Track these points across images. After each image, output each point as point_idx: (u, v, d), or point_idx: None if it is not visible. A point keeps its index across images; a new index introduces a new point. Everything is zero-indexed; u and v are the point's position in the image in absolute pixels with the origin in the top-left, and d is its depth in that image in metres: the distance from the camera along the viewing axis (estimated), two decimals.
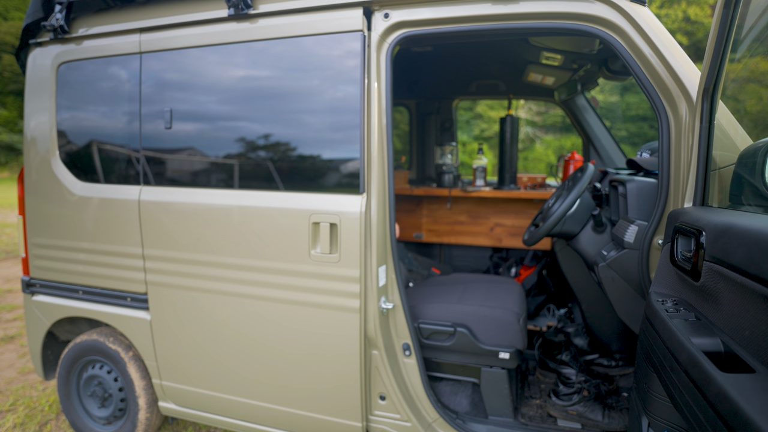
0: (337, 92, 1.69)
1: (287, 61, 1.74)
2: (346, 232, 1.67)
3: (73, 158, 2.12)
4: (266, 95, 1.78)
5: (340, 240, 1.68)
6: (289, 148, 1.77)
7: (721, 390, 0.73)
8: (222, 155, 1.87)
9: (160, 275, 1.98)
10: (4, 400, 2.89)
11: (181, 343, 2.01)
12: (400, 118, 3.88)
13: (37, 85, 2.16)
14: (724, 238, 0.92)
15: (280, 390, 1.88)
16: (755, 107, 1.75)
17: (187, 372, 2.04)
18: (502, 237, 3.34)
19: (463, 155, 4.01)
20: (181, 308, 1.97)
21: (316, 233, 1.71)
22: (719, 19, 1.13)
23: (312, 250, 1.72)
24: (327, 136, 1.72)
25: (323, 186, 1.73)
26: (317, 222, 1.70)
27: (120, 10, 1.98)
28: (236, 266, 1.84)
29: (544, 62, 2.74)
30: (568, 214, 1.88)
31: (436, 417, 1.85)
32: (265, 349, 1.86)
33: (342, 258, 1.69)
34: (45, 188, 2.16)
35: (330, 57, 1.69)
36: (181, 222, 1.91)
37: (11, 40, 17.07)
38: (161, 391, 2.13)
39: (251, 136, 1.82)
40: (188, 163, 1.92)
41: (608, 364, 2.35)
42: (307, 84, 1.73)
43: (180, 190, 1.93)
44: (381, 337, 1.78)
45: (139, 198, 1.97)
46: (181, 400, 2.10)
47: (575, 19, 1.55)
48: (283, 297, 1.79)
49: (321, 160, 1.73)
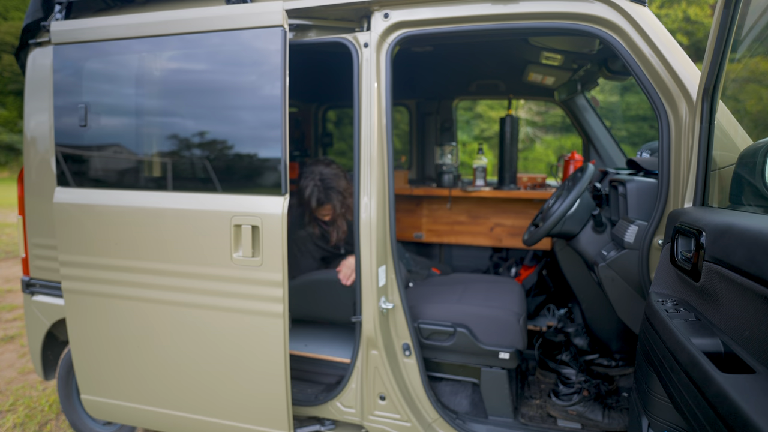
0: (257, 90, 1.63)
1: (221, 56, 1.68)
2: (268, 235, 1.61)
3: None
4: (194, 91, 1.71)
5: (262, 243, 1.62)
6: (210, 149, 1.71)
7: (721, 390, 0.73)
8: (141, 154, 1.79)
9: (75, 282, 1.89)
10: (4, 400, 2.89)
11: (98, 355, 1.91)
12: (400, 118, 3.89)
13: (37, 85, 2.16)
14: (724, 239, 0.92)
15: (205, 400, 1.81)
16: (755, 107, 1.75)
17: (106, 384, 1.94)
18: (502, 237, 3.34)
19: (463, 155, 4.01)
20: (98, 317, 1.87)
21: (238, 236, 1.65)
22: (719, 19, 1.13)
23: (234, 253, 1.65)
24: (249, 136, 1.65)
25: (245, 187, 1.67)
26: (239, 224, 1.64)
27: (120, 10, 1.98)
28: (156, 271, 1.76)
29: (544, 62, 2.74)
30: (568, 214, 1.88)
31: (436, 417, 1.85)
32: (188, 357, 1.78)
33: (264, 261, 1.63)
34: (45, 188, 2.16)
35: (250, 53, 1.62)
36: (97, 226, 1.82)
37: (11, 40, 17.07)
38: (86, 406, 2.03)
39: (169, 135, 1.75)
40: (104, 163, 1.83)
41: (608, 364, 2.35)
42: (228, 80, 1.66)
43: (95, 192, 1.84)
44: (381, 337, 1.78)
45: (53, 200, 1.89)
46: (103, 414, 2.01)
47: (575, 19, 1.55)
48: (205, 303, 1.72)
49: (243, 160, 1.67)
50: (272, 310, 1.64)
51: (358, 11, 1.75)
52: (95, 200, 1.84)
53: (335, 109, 4.26)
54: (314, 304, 2.19)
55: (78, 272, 1.89)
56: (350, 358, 1.90)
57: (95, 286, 1.86)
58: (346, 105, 4.10)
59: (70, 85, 1.84)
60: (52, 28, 1.84)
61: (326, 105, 4.15)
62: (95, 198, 1.84)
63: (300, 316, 2.26)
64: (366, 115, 1.74)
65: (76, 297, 1.91)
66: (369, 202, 1.74)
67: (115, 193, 1.82)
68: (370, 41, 1.72)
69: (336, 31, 1.80)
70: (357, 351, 1.85)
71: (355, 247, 1.77)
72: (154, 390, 1.88)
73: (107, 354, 1.91)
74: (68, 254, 1.89)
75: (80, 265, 1.88)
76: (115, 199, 1.81)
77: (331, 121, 4.34)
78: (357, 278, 1.79)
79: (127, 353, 1.87)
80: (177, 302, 1.76)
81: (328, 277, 2.14)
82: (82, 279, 1.88)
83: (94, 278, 1.86)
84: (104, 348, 1.91)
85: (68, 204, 1.87)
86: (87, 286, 1.88)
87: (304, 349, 2.18)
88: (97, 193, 1.84)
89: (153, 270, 1.77)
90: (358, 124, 1.75)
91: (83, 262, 1.87)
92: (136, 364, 1.87)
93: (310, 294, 2.18)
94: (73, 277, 1.90)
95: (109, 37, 1.77)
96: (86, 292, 1.89)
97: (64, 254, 1.90)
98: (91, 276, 1.86)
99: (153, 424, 1.95)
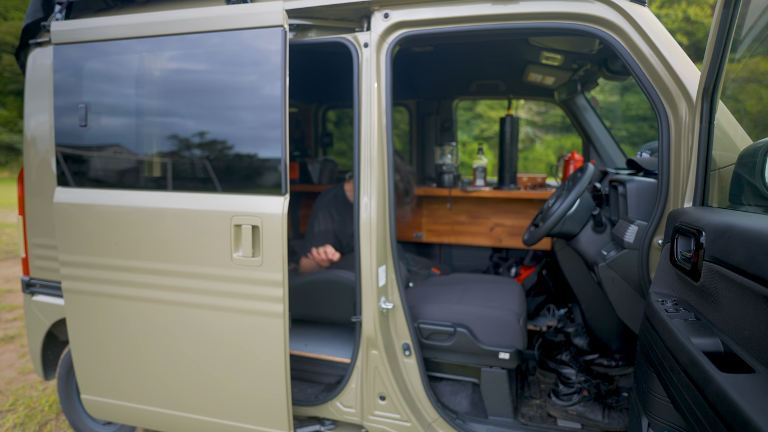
0: (257, 90, 1.63)
1: (221, 56, 1.68)
2: (268, 235, 1.61)
3: None
4: (194, 91, 1.72)
5: (262, 243, 1.63)
6: (210, 149, 1.71)
7: (721, 390, 0.73)
8: (141, 154, 1.79)
9: (75, 282, 1.90)
10: (4, 400, 2.89)
11: (98, 355, 1.92)
12: (400, 118, 3.89)
13: (37, 85, 2.16)
14: (723, 238, 0.92)
15: (205, 400, 1.81)
16: (755, 107, 1.75)
17: (106, 384, 1.95)
18: (502, 237, 3.34)
19: (463, 155, 4.01)
20: (98, 317, 1.88)
21: (238, 236, 1.65)
22: (719, 19, 1.13)
23: (234, 253, 1.66)
24: (249, 136, 1.66)
25: (245, 187, 1.67)
26: (239, 224, 1.64)
27: (120, 10, 1.98)
28: (157, 271, 1.76)
29: (544, 62, 2.74)
30: (568, 214, 1.88)
31: (435, 417, 1.85)
32: (189, 357, 1.79)
33: (264, 261, 1.63)
34: (45, 188, 2.16)
35: (250, 53, 1.62)
36: (98, 226, 1.83)
37: (11, 40, 17.07)
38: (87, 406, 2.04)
39: (170, 135, 1.75)
40: (104, 163, 1.84)
41: (608, 364, 2.35)
42: (228, 80, 1.66)
43: (96, 192, 1.84)
44: (381, 337, 1.78)
45: (53, 200, 1.89)
46: (103, 414, 2.01)
47: (575, 19, 1.55)
48: (205, 303, 1.72)
49: (243, 160, 1.68)
50: (272, 310, 1.65)
51: (358, 11, 1.75)
52: (95, 200, 1.84)
53: (335, 109, 4.26)
54: (314, 304, 2.19)
55: (78, 272, 1.89)
56: (350, 358, 1.90)
57: (95, 286, 1.86)
58: (346, 105, 4.10)
59: (71, 85, 1.84)
60: (52, 28, 1.84)
61: (326, 105, 4.15)
62: (95, 198, 1.84)
63: (300, 316, 2.26)
64: (366, 115, 1.74)
65: (77, 297, 1.91)
66: (369, 202, 1.74)
67: (116, 193, 1.82)
68: (370, 41, 1.72)
69: (336, 31, 1.80)
70: (357, 351, 1.85)
71: (355, 247, 1.77)
72: (154, 390, 1.88)
73: (107, 354, 1.91)
74: (68, 254, 1.89)
75: (80, 265, 1.88)
76: (115, 199, 1.81)
77: (331, 121, 4.34)
78: (357, 278, 1.79)
79: (127, 353, 1.87)
80: (177, 302, 1.76)
81: (328, 277, 2.14)
82: (82, 279, 1.88)
83: (94, 278, 1.86)
84: (104, 348, 1.91)
85: (68, 204, 1.87)
86: (87, 286, 1.88)
87: (304, 349, 2.18)
88: (98, 193, 1.85)
89: (153, 270, 1.77)
90: (358, 124, 1.75)
91: (83, 262, 1.87)
92: (136, 364, 1.87)
93: (310, 294, 2.18)
94: (73, 277, 1.90)
95: (109, 37, 1.77)
96: (86, 292, 1.89)
97: (64, 254, 1.90)
98: (91, 276, 1.87)
99: (153, 424, 1.95)
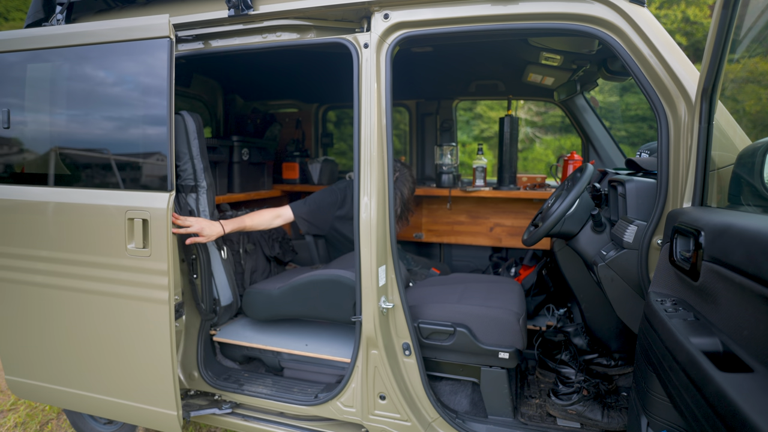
0: (147, 96, 1.80)
1: (115, 65, 1.86)
2: (155, 228, 1.78)
3: None
4: (93, 98, 1.89)
5: (150, 235, 1.79)
6: (109, 149, 1.89)
7: (720, 389, 0.73)
8: (47, 154, 1.97)
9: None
10: (5, 399, 2.89)
11: (15, 338, 2.11)
12: (400, 118, 3.89)
13: None
14: (722, 238, 0.92)
15: (105, 380, 1.98)
16: (754, 107, 1.75)
17: (24, 366, 2.13)
18: (502, 237, 3.34)
19: (463, 155, 4.01)
20: (12, 302, 2.07)
21: (131, 229, 1.82)
22: (718, 20, 1.13)
23: (128, 244, 1.83)
24: (140, 139, 1.83)
25: (139, 184, 1.86)
26: (132, 218, 1.82)
27: (121, 11, 1.98)
28: (61, 260, 1.94)
29: (544, 62, 2.74)
30: (568, 214, 1.88)
31: (435, 416, 1.85)
32: (90, 340, 1.96)
33: (153, 252, 1.79)
34: None
35: (142, 61, 1.80)
36: (7, 218, 2.03)
37: None
38: None
39: (72, 137, 1.94)
40: (15, 160, 2.03)
41: (607, 363, 2.35)
42: (126, 89, 1.84)
43: (7, 188, 2.04)
44: (381, 337, 1.79)
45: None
46: (24, 394, 2.20)
47: (574, 20, 1.55)
48: (103, 290, 1.90)
49: (137, 160, 1.85)
50: (159, 297, 1.81)
51: (358, 12, 1.75)
52: (7, 195, 2.03)
53: (335, 110, 4.26)
54: (314, 304, 2.19)
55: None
56: (350, 357, 1.90)
57: (6, 273, 2.06)
58: (347, 105, 4.10)
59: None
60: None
61: (326, 105, 4.15)
62: (7, 193, 2.04)
63: (300, 315, 2.26)
64: (366, 116, 1.74)
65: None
66: (369, 202, 1.75)
67: (24, 189, 2.01)
68: (370, 42, 1.72)
69: (336, 31, 1.81)
70: (357, 351, 1.85)
71: (355, 246, 1.78)
72: (60, 370, 2.06)
73: (22, 337, 2.10)
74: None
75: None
76: (23, 193, 2.00)
77: (331, 121, 4.33)
78: (357, 278, 1.79)
79: (38, 336, 2.05)
80: (80, 289, 1.93)
81: (329, 277, 2.14)
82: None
83: (4, 266, 2.06)
84: (19, 332, 2.10)
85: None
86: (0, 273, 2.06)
87: (304, 349, 2.18)
88: (6, 188, 2.04)
89: (59, 259, 1.95)
90: (358, 124, 1.75)
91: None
92: (45, 346, 2.05)
93: (310, 294, 2.18)
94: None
95: (17, 48, 1.95)
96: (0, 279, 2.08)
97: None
98: (1, 264, 2.06)
99: (59, 402, 2.12)
